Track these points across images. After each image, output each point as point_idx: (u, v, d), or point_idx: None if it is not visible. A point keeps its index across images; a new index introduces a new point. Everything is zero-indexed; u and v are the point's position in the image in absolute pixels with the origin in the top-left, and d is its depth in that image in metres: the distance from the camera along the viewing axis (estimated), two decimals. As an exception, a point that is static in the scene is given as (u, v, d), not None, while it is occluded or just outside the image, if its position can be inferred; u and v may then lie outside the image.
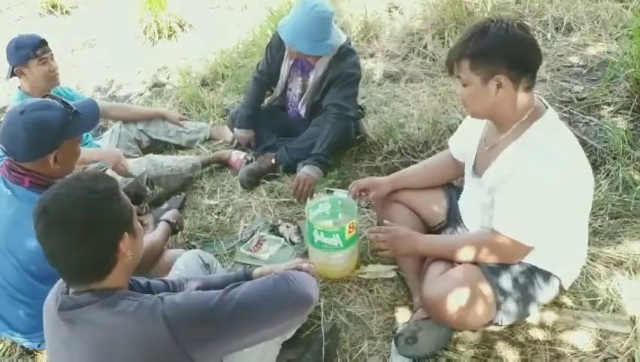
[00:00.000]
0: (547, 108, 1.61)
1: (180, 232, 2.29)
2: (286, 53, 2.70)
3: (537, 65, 1.56)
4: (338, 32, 2.63)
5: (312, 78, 2.69)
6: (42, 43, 2.55)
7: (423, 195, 2.02)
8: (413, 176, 2.07)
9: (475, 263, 1.69)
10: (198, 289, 1.48)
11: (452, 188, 2.04)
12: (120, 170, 2.51)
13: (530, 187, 1.53)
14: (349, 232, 1.97)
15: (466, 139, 1.87)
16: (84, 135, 2.76)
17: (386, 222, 1.92)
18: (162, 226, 2.11)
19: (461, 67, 1.55)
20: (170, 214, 2.20)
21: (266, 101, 3.06)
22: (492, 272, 1.66)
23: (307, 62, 2.69)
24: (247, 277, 1.53)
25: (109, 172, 2.57)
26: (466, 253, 1.69)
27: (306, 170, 2.57)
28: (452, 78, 1.74)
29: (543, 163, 1.51)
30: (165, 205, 2.63)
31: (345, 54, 2.62)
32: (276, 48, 2.75)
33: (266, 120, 2.98)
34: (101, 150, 2.77)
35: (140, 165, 2.64)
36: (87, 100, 1.91)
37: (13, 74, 2.58)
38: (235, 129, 2.99)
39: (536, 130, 1.56)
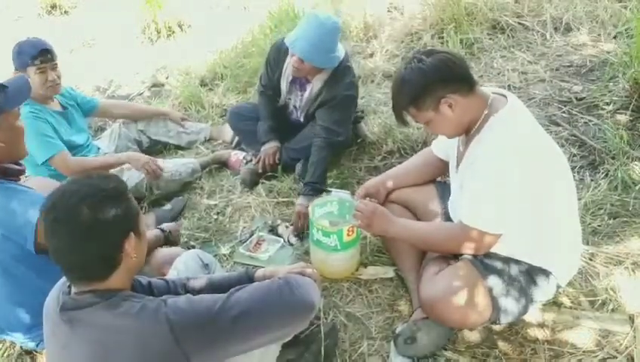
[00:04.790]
0: (507, 98, 1.65)
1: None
2: (284, 68, 2.67)
3: (464, 70, 1.62)
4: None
5: (308, 92, 2.66)
6: (43, 52, 2.45)
7: (418, 195, 2.03)
8: (401, 171, 2.10)
9: (471, 261, 1.69)
10: (201, 289, 1.48)
11: (445, 187, 2.05)
12: (150, 170, 2.54)
13: (483, 175, 1.58)
14: (348, 235, 1.97)
15: (446, 141, 1.90)
16: (86, 137, 2.75)
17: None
18: (155, 231, 2.07)
19: (412, 115, 1.66)
20: (170, 225, 2.16)
21: None
22: (488, 270, 1.66)
23: (305, 79, 2.65)
24: (250, 278, 1.52)
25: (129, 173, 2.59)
26: (435, 243, 1.76)
27: (303, 203, 2.41)
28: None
29: (494, 151, 1.57)
30: (168, 206, 2.64)
31: (342, 73, 2.58)
32: (274, 63, 2.72)
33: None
34: (129, 153, 2.73)
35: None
36: (15, 77, 1.89)
37: None
38: (262, 146, 2.79)
39: (493, 122, 1.61)
